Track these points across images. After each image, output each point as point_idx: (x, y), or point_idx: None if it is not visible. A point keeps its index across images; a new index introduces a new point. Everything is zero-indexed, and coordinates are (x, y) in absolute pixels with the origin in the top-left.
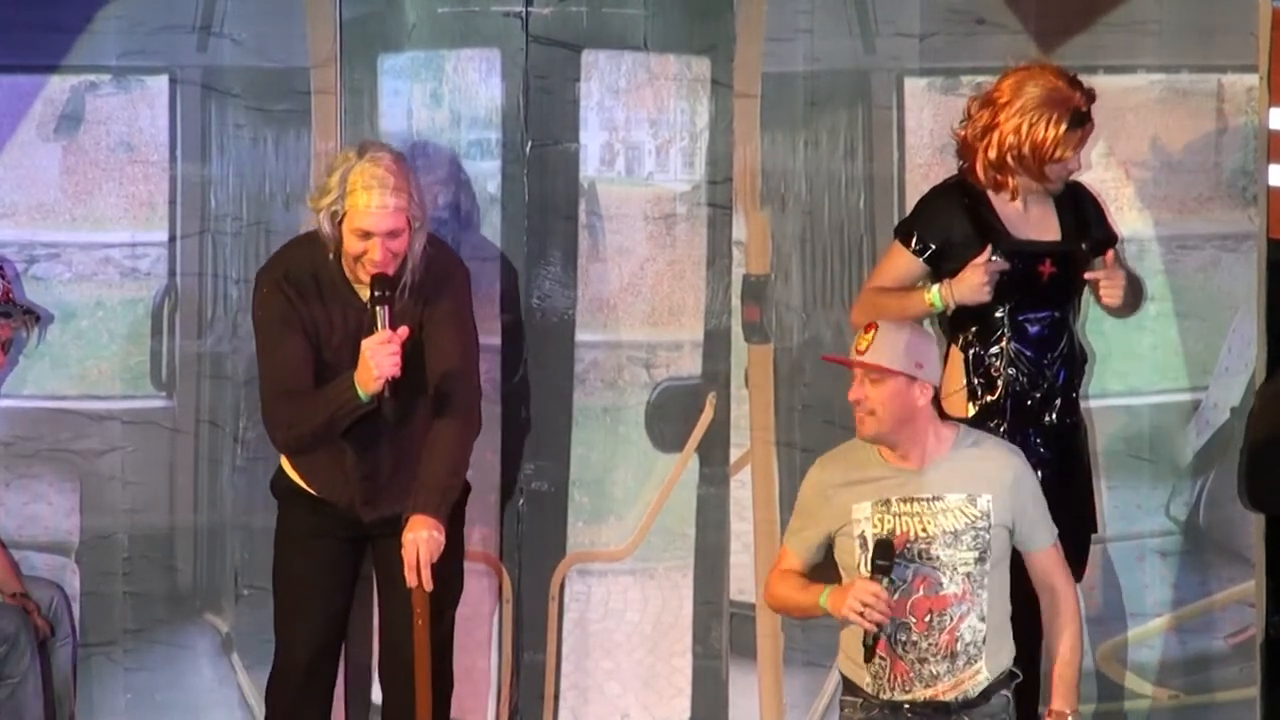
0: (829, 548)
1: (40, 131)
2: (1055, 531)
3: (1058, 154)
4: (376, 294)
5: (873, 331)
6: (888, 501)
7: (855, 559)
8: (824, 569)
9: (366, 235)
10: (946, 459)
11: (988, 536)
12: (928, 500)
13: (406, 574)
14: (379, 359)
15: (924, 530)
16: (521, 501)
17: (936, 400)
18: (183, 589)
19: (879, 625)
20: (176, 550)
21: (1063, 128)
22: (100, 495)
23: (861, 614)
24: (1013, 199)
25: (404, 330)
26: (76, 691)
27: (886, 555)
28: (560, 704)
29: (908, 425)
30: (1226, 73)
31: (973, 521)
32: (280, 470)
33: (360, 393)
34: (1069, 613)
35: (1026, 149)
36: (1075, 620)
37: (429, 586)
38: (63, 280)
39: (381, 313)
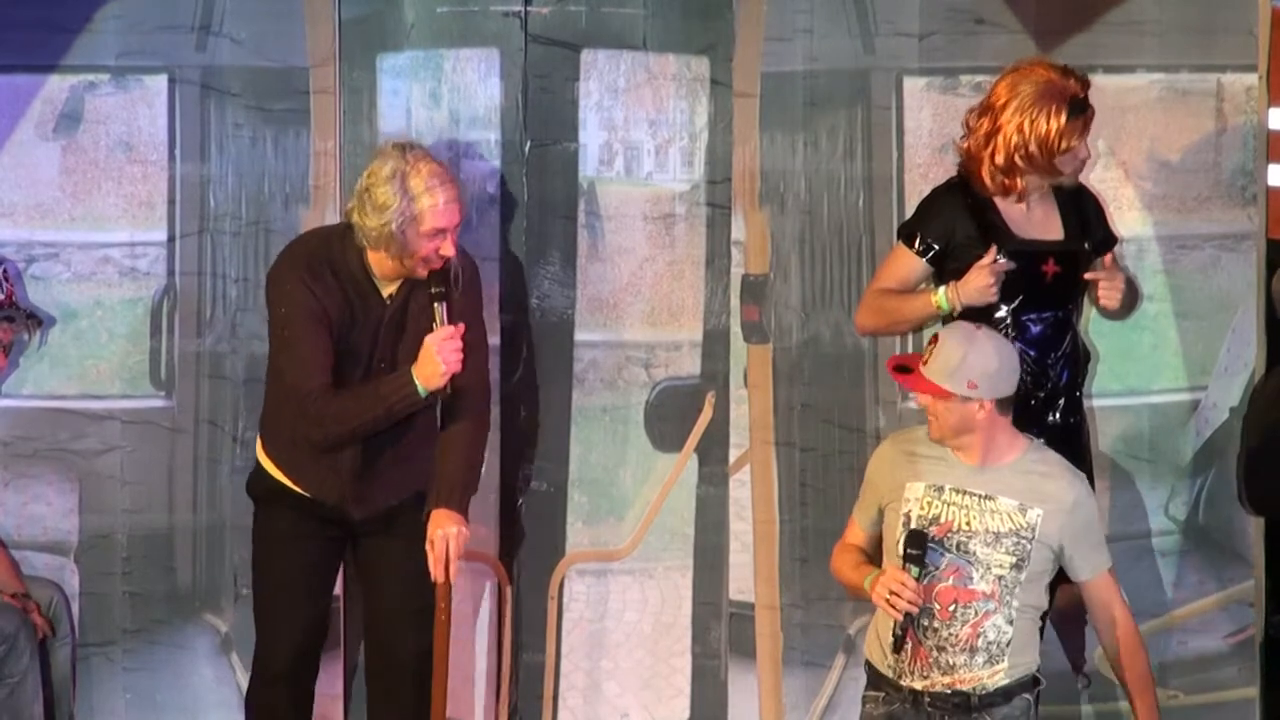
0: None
1: (39, 131)
2: (1110, 561)
3: (1064, 145)
4: (435, 290)
5: (933, 346)
6: (941, 488)
7: (895, 535)
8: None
9: (440, 232)
10: (1008, 466)
11: (1029, 548)
12: (980, 496)
13: (434, 569)
14: (447, 354)
15: (968, 524)
16: (521, 501)
17: (1008, 405)
18: (182, 589)
19: (906, 614)
20: (175, 550)
21: (1063, 118)
22: (99, 495)
23: (888, 601)
24: (1017, 200)
25: (462, 325)
26: (75, 691)
27: (918, 545)
28: (559, 704)
29: (969, 434)
30: (1226, 72)
31: (1017, 529)
32: (260, 469)
33: (421, 388)
34: (1131, 642)
35: (1033, 146)
36: (1142, 648)
37: (455, 581)
38: (62, 280)
39: (440, 308)
